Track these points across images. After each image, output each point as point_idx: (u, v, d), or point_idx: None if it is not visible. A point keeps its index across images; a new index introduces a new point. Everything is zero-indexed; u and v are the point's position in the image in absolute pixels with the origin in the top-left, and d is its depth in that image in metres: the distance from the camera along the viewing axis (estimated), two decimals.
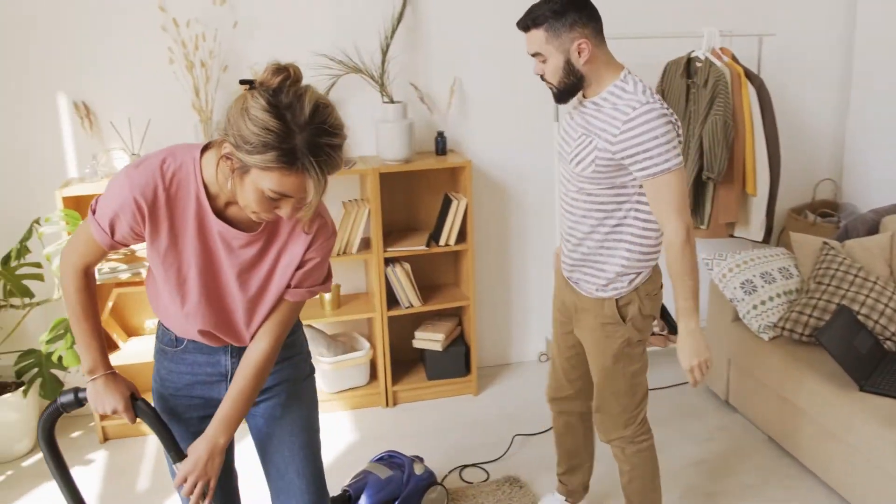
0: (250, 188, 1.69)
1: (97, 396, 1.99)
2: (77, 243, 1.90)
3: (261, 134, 1.61)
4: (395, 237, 3.93)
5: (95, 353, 1.99)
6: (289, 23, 3.71)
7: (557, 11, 2.30)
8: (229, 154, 1.68)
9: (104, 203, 1.82)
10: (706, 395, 3.94)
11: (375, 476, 3.08)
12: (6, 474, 3.51)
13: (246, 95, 1.66)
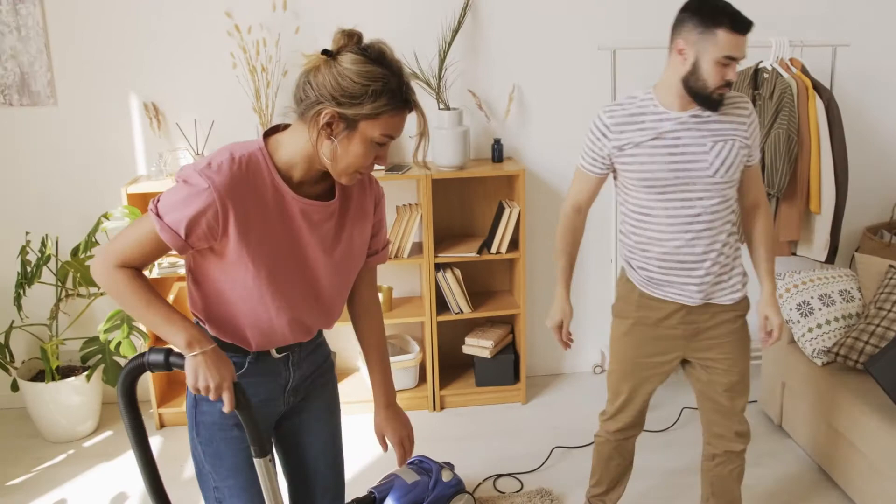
0: (358, 143, 1.79)
1: (201, 370, 1.81)
2: (131, 245, 1.80)
3: (370, 84, 1.74)
4: (449, 243, 3.95)
5: (192, 327, 1.83)
6: (349, 27, 3.77)
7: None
8: (331, 119, 1.76)
9: (175, 206, 1.77)
10: (759, 418, 3.81)
11: (402, 480, 3.12)
12: (68, 453, 3.72)
13: (329, 62, 1.77)
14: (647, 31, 3.92)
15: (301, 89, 1.80)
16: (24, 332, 3.95)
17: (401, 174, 3.68)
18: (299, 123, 1.84)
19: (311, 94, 1.77)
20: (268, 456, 1.92)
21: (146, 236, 1.80)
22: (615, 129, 2.45)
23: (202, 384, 1.82)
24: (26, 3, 3.59)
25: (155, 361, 1.86)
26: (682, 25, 2.35)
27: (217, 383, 1.83)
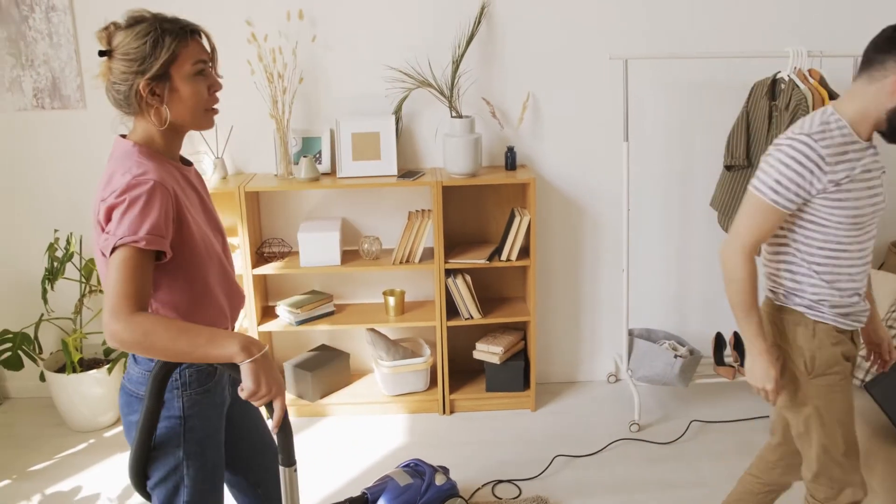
0: (183, 87, 1.91)
1: (262, 375, 1.80)
2: (128, 285, 1.76)
3: (147, 37, 1.87)
4: (461, 249, 3.99)
5: (239, 334, 1.81)
6: (365, 37, 3.85)
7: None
8: (147, 86, 1.88)
9: (139, 220, 1.78)
10: (765, 434, 3.75)
11: (395, 482, 3.18)
12: (89, 442, 3.88)
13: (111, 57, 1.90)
14: (660, 41, 3.90)
15: (115, 93, 1.92)
16: (53, 325, 4.14)
17: (413, 181, 3.74)
18: (137, 118, 1.96)
19: (122, 87, 1.90)
20: (294, 466, 1.93)
21: (135, 266, 1.78)
22: (831, 161, 2.14)
23: (265, 388, 1.81)
24: (58, 12, 3.76)
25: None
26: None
27: (278, 387, 1.83)
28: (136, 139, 1.97)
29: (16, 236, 4.10)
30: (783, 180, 2.15)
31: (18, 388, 4.30)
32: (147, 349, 1.75)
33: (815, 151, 2.13)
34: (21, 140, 3.97)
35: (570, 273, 4.19)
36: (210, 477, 2.10)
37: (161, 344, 1.74)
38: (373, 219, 4.09)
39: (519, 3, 3.83)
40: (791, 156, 2.14)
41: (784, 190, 2.16)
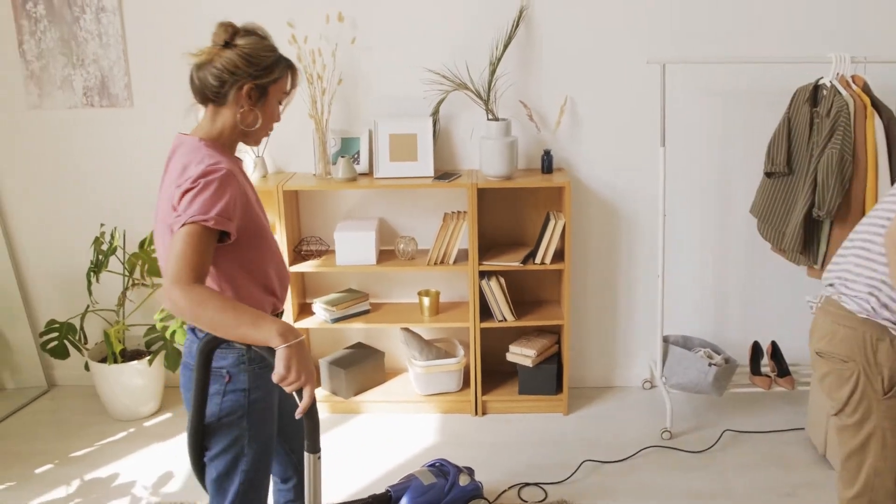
0: (270, 106, 2.18)
1: (294, 361, 1.92)
2: (192, 258, 1.92)
3: (272, 53, 2.15)
4: (496, 251, 4.00)
5: (280, 320, 1.95)
6: (404, 39, 3.89)
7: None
8: (250, 88, 2.11)
9: (210, 203, 1.95)
10: (804, 447, 3.68)
11: (419, 481, 3.20)
12: (129, 431, 3.99)
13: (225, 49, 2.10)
14: (699, 45, 3.85)
15: (211, 78, 2.11)
16: (97, 317, 4.27)
17: (448, 182, 3.76)
18: (214, 109, 2.16)
19: (226, 77, 2.10)
20: (318, 453, 2.05)
21: (200, 242, 1.94)
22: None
23: (294, 375, 1.92)
24: (108, 13, 3.88)
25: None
26: None
27: (307, 376, 1.94)
28: (202, 135, 2.17)
29: (64, 230, 4.24)
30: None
31: (65, 376, 4.45)
32: (198, 318, 1.91)
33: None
34: (71, 137, 4.10)
35: (606, 277, 4.17)
36: (267, 448, 2.28)
37: (210, 315, 1.90)
38: (409, 219, 4.13)
39: (557, 6, 3.83)
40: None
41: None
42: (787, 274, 4.11)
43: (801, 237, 3.61)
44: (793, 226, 3.61)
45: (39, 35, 3.92)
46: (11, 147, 4.13)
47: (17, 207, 4.22)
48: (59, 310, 4.33)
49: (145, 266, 3.93)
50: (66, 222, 4.23)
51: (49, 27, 3.91)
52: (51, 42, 3.93)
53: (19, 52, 3.95)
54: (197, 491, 3.47)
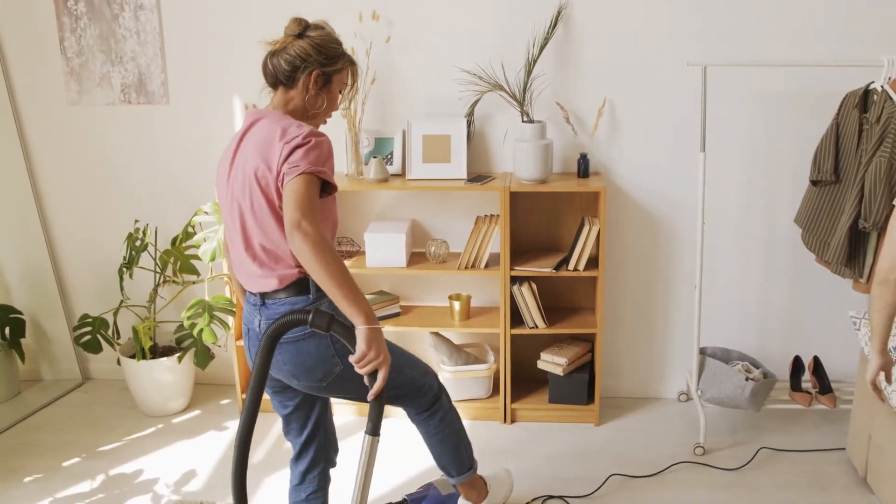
0: (331, 93, 2.42)
1: (375, 341, 2.09)
2: (314, 204, 2.15)
3: (339, 46, 2.42)
4: (529, 256, 3.92)
5: (368, 303, 2.13)
6: (439, 39, 3.83)
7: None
8: (319, 74, 2.36)
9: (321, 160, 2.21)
10: (844, 468, 3.51)
11: (437, 491, 3.14)
12: (157, 427, 4.01)
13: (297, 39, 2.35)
14: (743, 47, 3.71)
15: (284, 63, 2.34)
16: (130, 312, 4.29)
17: (481, 185, 3.69)
18: (283, 91, 2.39)
19: (297, 62, 2.34)
20: (378, 436, 2.12)
21: (314, 192, 2.18)
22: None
23: (373, 354, 2.09)
24: (145, 11, 3.90)
25: (317, 322, 2.09)
26: None
27: (384, 358, 2.12)
28: (287, 110, 2.40)
29: (99, 225, 4.28)
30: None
31: (99, 369, 4.50)
32: (319, 255, 2.07)
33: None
34: (108, 133, 4.14)
35: (642, 286, 4.05)
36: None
37: (328, 259, 2.08)
38: (442, 221, 4.07)
39: (597, 6, 3.72)
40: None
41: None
42: (831, 287, 3.95)
43: (846, 249, 3.44)
44: (838, 237, 3.45)
45: (80, 32, 3.96)
46: (51, 143, 4.18)
47: (56, 202, 4.27)
48: (95, 304, 4.37)
49: (177, 263, 3.94)
50: (102, 218, 4.26)
51: (89, 24, 3.95)
52: (90, 39, 3.97)
53: (60, 48, 4.00)
54: (217, 490, 3.46)
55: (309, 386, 2.43)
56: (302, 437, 2.67)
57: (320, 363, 2.38)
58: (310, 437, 2.67)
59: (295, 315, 2.12)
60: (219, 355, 4.35)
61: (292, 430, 2.67)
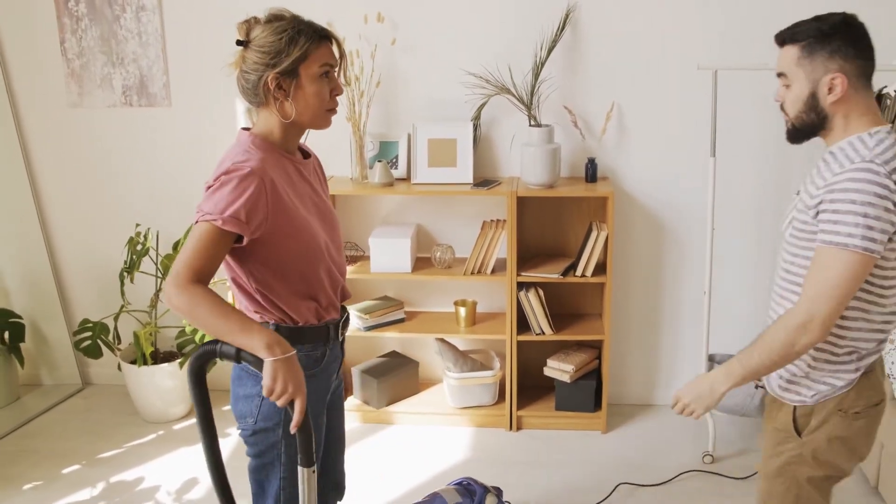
0: (308, 85, 2.05)
1: (280, 373, 1.88)
2: (198, 256, 1.89)
3: (283, 34, 2.02)
4: (536, 262, 3.87)
5: (271, 333, 1.92)
6: (445, 41, 3.78)
7: (824, 32, 1.96)
8: (275, 78, 2.02)
9: (226, 199, 1.90)
10: (855, 478, 3.46)
11: (443, 500, 3.07)
12: (157, 433, 3.96)
13: (247, 48, 2.05)
14: (753, 50, 3.66)
15: (244, 81, 2.07)
16: (131, 317, 4.24)
17: (487, 190, 3.64)
18: (261, 109, 2.09)
19: (252, 76, 2.04)
20: (313, 467, 2.01)
21: (208, 241, 1.90)
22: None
23: (280, 388, 1.89)
24: (147, 12, 3.85)
25: (226, 351, 1.95)
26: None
27: (294, 388, 1.90)
28: (255, 131, 2.12)
29: (100, 229, 4.23)
30: (869, 222, 1.86)
31: (99, 374, 4.45)
32: (191, 317, 1.89)
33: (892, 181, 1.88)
34: (109, 136, 4.09)
35: (650, 292, 4.01)
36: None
37: (201, 317, 1.88)
38: (447, 226, 4.02)
39: (605, 9, 3.68)
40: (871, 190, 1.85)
41: (875, 232, 1.86)
42: None
43: None
44: None
45: (80, 33, 3.91)
46: (51, 145, 4.13)
47: (56, 205, 4.22)
48: (95, 309, 4.32)
49: None
50: (103, 221, 4.21)
51: (90, 25, 3.89)
52: (91, 40, 3.92)
53: (61, 49, 3.94)
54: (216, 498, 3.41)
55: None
56: None
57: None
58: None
59: (208, 346, 1.99)
60: (219, 361, 4.28)
61: None
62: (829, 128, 2.01)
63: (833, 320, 1.91)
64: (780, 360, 1.98)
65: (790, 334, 1.94)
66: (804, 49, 1.97)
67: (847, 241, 1.84)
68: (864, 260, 1.85)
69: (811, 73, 1.97)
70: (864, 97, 1.98)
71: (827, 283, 1.88)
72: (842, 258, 1.86)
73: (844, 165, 1.91)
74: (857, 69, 1.95)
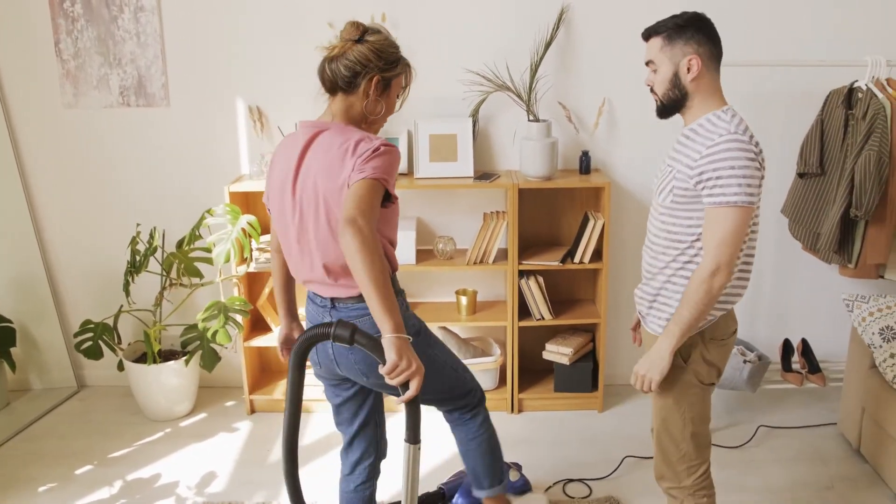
0: (390, 98, 2.42)
1: (405, 351, 2.05)
2: (376, 209, 2.17)
3: (397, 50, 2.40)
4: (534, 250, 4.05)
5: (400, 314, 2.10)
6: (445, 40, 3.93)
7: (679, 24, 2.41)
8: (379, 80, 2.34)
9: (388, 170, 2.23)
10: (838, 442, 3.76)
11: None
12: (165, 431, 3.98)
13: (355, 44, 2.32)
14: (733, 48, 3.93)
15: (343, 68, 2.33)
16: (132, 317, 4.24)
17: (489, 183, 3.80)
18: (342, 97, 2.37)
19: (357, 68, 2.32)
20: (419, 444, 2.16)
21: (378, 198, 2.20)
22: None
23: (405, 364, 2.06)
24: (146, 12, 3.87)
25: (340, 335, 2.09)
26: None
27: (416, 367, 2.08)
28: (343, 120, 2.39)
29: (99, 229, 4.22)
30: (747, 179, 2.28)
31: (96, 376, 4.43)
32: (366, 254, 2.06)
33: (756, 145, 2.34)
34: (106, 136, 4.09)
35: (639, 277, 4.23)
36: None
37: (374, 259, 2.07)
38: (447, 219, 4.16)
39: (596, 8, 3.88)
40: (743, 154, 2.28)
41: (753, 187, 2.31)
42: (815, 273, 4.20)
43: (837, 237, 3.69)
44: (829, 226, 3.69)
45: (76, 34, 3.90)
46: (45, 146, 4.10)
47: (50, 207, 4.19)
48: (90, 310, 4.30)
49: (181, 266, 3.92)
50: (99, 222, 4.20)
51: (86, 26, 3.89)
52: (87, 41, 3.91)
53: (55, 50, 3.92)
54: (242, 490, 3.48)
55: (377, 383, 2.49)
56: (353, 427, 2.71)
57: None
58: (360, 427, 2.71)
59: (318, 329, 2.13)
60: (226, 357, 4.35)
61: (344, 420, 2.71)
62: (688, 105, 2.46)
63: (734, 262, 2.33)
64: (704, 307, 2.34)
65: (705, 283, 2.31)
66: (665, 38, 2.43)
67: (734, 199, 2.27)
68: (748, 211, 2.30)
69: (672, 57, 2.42)
70: (714, 77, 2.43)
71: (724, 235, 2.30)
72: (732, 213, 2.29)
73: (713, 139, 2.32)
74: (708, 53, 2.40)
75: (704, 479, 2.59)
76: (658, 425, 2.59)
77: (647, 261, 2.55)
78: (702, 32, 2.40)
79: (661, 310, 2.51)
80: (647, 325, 2.59)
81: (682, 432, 2.53)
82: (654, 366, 2.42)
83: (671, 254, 2.45)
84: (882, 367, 3.39)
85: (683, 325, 2.36)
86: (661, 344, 2.41)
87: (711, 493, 2.61)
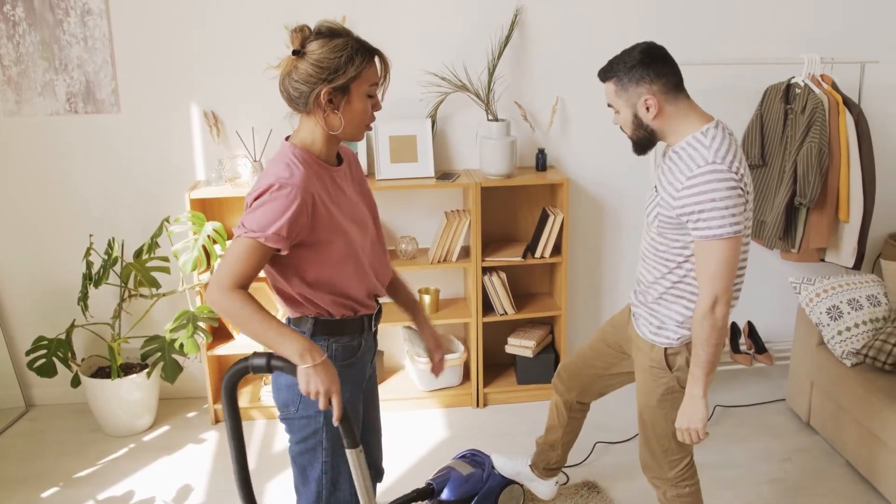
0: (357, 103, 2.14)
1: (312, 378, 2.01)
2: (240, 265, 2.03)
3: (342, 53, 2.08)
4: (493, 247, 4.13)
5: (304, 340, 2.04)
6: (403, 42, 3.96)
7: (629, 65, 2.40)
8: (328, 94, 2.09)
9: (269, 216, 2.02)
10: (788, 416, 4.01)
11: (458, 472, 3.29)
12: (129, 447, 3.87)
13: (299, 58, 2.09)
14: (678, 47, 4.10)
15: (292, 89, 2.13)
16: (85, 331, 4.09)
17: (451, 182, 3.85)
18: (304, 117, 2.18)
19: (303, 87, 2.11)
20: (359, 447, 2.16)
21: (251, 254, 2.04)
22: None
23: (313, 389, 2.02)
24: (94, 16, 3.74)
25: (257, 365, 2.09)
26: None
27: (327, 388, 2.03)
28: (297, 141, 2.20)
29: (48, 242, 4.06)
30: (731, 211, 2.31)
31: (45, 394, 4.25)
32: (235, 319, 2.03)
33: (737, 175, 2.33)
34: (53, 145, 3.93)
35: (594, 270, 4.38)
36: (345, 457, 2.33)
37: (242, 321, 2.03)
38: (408, 219, 4.20)
39: (548, 10, 3.99)
40: (725, 186, 2.29)
41: (736, 217, 2.32)
42: (757, 259, 4.42)
43: (782, 224, 3.92)
44: (774, 214, 3.92)
45: (18, 39, 3.73)
46: None
47: None
48: (38, 326, 4.11)
49: (138, 277, 3.82)
50: (51, 235, 4.04)
51: (29, 30, 3.73)
52: (30, 46, 3.75)
53: None
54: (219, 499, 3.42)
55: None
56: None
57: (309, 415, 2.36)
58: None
59: (240, 364, 2.13)
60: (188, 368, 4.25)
61: None
62: (664, 135, 2.46)
63: (730, 290, 2.36)
64: (717, 340, 2.38)
65: (707, 318, 2.35)
66: (617, 84, 2.44)
67: (719, 232, 2.30)
68: (736, 241, 2.32)
69: (628, 100, 2.44)
70: (682, 103, 2.43)
71: (716, 268, 2.33)
72: (719, 246, 2.31)
73: (692, 168, 2.32)
74: (662, 87, 2.40)
75: (687, 470, 2.70)
76: (642, 424, 2.70)
77: (641, 271, 2.64)
78: (651, 68, 2.38)
79: (652, 320, 2.59)
80: (638, 325, 2.67)
81: (665, 431, 2.63)
82: (694, 415, 2.44)
83: (661, 271, 2.52)
84: (831, 344, 3.63)
85: (704, 365, 2.40)
86: (691, 391, 2.44)
87: (694, 482, 2.73)
